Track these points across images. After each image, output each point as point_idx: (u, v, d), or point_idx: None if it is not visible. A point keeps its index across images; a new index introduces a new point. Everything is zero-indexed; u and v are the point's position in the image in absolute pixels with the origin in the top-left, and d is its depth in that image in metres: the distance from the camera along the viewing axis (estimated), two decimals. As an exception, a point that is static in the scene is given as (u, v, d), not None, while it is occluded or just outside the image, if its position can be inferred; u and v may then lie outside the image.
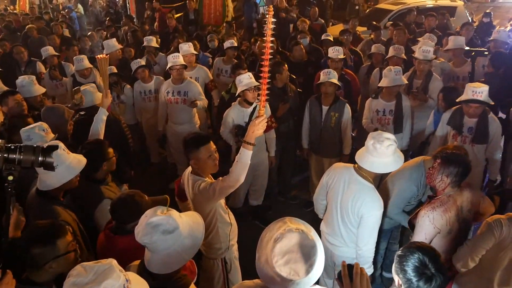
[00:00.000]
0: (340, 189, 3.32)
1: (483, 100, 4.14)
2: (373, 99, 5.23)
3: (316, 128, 5.20)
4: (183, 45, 6.39)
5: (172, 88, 5.73)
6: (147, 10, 13.88)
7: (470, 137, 4.38)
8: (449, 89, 4.78)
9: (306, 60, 6.68)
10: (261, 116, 2.78)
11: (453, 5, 12.77)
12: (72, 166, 3.00)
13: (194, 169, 3.31)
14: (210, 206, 3.28)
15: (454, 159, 3.08)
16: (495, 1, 27.76)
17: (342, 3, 16.51)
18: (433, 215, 3.01)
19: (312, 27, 10.30)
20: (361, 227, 3.20)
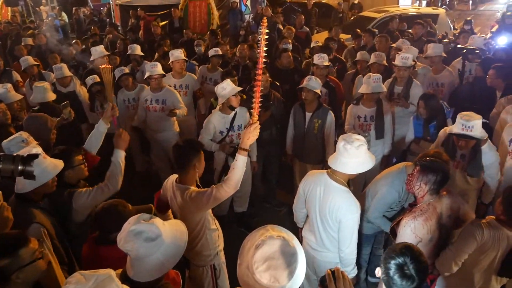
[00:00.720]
0: (317, 196, 3.33)
1: (472, 135, 3.83)
2: (354, 105, 5.29)
3: (300, 134, 5.24)
4: (174, 52, 6.41)
5: (151, 96, 5.75)
6: (131, 18, 13.85)
7: (462, 163, 4.16)
8: (428, 96, 4.81)
9: (292, 68, 6.72)
10: (254, 122, 2.87)
11: (435, 12, 12.98)
12: (48, 170, 2.98)
13: (188, 176, 3.27)
14: (201, 215, 3.27)
15: (433, 166, 3.10)
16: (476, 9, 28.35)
17: (326, 11, 16.64)
18: (414, 225, 3.01)
19: (297, 35, 10.38)
20: (341, 231, 3.22)
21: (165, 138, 5.82)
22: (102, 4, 22.24)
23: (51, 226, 2.98)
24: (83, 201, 3.25)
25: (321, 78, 5.75)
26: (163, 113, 5.68)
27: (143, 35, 12.26)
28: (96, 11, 19.74)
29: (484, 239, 2.96)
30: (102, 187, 3.35)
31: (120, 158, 3.46)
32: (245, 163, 2.95)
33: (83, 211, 3.30)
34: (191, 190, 3.17)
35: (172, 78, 6.39)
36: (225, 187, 3.03)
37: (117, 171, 3.42)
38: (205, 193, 3.09)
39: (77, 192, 3.28)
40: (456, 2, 30.01)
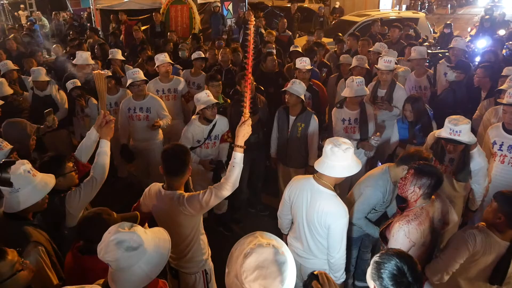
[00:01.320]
0: (304, 202, 3.27)
1: (460, 140, 3.80)
2: (338, 108, 5.29)
3: (283, 138, 5.21)
4: (159, 56, 6.31)
5: (134, 104, 5.56)
6: (112, 23, 13.70)
7: (450, 168, 4.18)
8: (415, 99, 4.81)
9: (277, 71, 6.71)
10: (246, 119, 2.88)
11: (415, 16, 13.15)
12: (38, 189, 2.88)
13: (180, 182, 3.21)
14: (196, 219, 3.22)
15: (427, 170, 3.08)
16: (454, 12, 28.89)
17: (308, 16, 16.73)
18: (408, 229, 2.98)
19: (279, 39, 10.40)
20: (330, 237, 3.18)
21: (149, 148, 5.70)
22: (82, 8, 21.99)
23: (48, 242, 2.88)
24: (76, 201, 3.19)
25: (304, 82, 5.74)
26: (148, 121, 5.54)
27: (124, 40, 12.12)
28: (76, 15, 19.49)
29: (476, 249, 2.95)
30: (90, 180, 3.29)
31: (105, 148, 3.38)
32: (242, 159, 2.96)
33: (77, 213, 3.22)
34: (184, 195, 3.11)
35: (160, 82, 6.31)
36: (225, 186, 3.01)
37: (103, 162, 3.34)
38: (203, 196, 3.03)
39: (68, 194, 3.22)
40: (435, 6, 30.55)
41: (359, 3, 20.57)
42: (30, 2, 19.44)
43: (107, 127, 3.40)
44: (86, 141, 3.57)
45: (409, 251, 3.03)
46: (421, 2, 28.65)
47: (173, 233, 3.16)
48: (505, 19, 13.62)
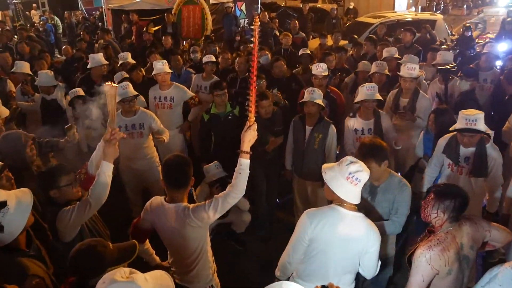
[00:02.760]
0: (332, 235, 2.84)
1: (477, 129, 3.80)
2: (350, 117, 5.04)
3: (299, 149, 4.94)
4: (157, 63, 5.97)
5: (123, 121, 5.09)
6: (124, 23, 13.57)
7: (467, 167, 4.06)
8: (441, 111, 4.55)
9: (289, 76, 6.45)
10: (252, 124, 2.81)
11: (432, 18, 12.81)
12: (17, 219, 2.53)
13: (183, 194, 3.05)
14: (203, 230, 3.08)
15: (449, 191, 2.83)
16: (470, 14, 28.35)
17: (321, 16, 16.46)
18: (430, 255, 2.74)
19: (293, 41, 10.15)
20: (368, 261, 2.90)
21: (142, 167, 5.25)
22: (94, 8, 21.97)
23: (46, 274, 2.62)
24: (66, 221, 2.96)
25: (320, 88, 5.50)
26: (141, 139, 5.16)
27: (135, 41, 11.97)
28: (88, 15, 19.44)
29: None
30: (84, 203, 3.02)
31: (107, 172, 3.04)
32: (248, 165, 2.85)
33: (69, 232, 3.02)
34: (190, 206, 2.97)
35: (158, 89, 6.01)
36: (232, 194, 2.89)
37: (101, 185, 3.03)
38: (210, 206, 2.91)
39: (60, 212, 3.00)
40: (451, 7, 30.06)
41: (374, 4, 20.19)
42: (43, 1, 19.43)
43: (110, 147, 3.02)
44: (97, 153, 3.28)
45: (433, 280, 2.80)
46: (436, 3, 28.22)
47: (180, 247, 3.07)
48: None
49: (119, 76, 6.18)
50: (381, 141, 3.56)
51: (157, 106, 5.98)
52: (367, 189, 3.57)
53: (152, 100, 6.03)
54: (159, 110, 5.90)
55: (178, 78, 7.09)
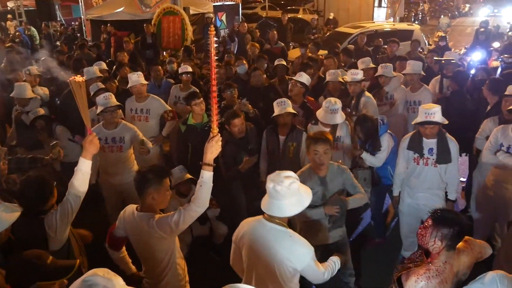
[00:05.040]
0: (257, 248, 2.88)
1: (436, 121, 4.19)
2: (312, 125, 5.10)
3: (274, 159, 4.93)
4: (132, 76, 5.85)
5: (104, 134, 4.89)
6: (103, 34, 13.48)
7: (431, 158, 4.37)
8: (363, 119, 4.77)
9: (267, 86, 6.46)
10: (215, 135, 2.79)
11: (410, 28, 13.03)
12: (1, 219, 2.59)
13: (147, 205, 3.02)
14: (169, 242, 3.03)
15: (448, 219, 2.72)
16: (448, 24, 28.86)
17: (302, 26, 16.60)
18: (428, 286, 2.63)
19: (272, 51, 10.20)
20: (308, 277, 2.91)
21: (122, 182, 5.00)
22: (73, 18, 21.81)
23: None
24: (53, 223, 2.97)
25: (297, 97, 5.53)
26: (121, 153, 4.98)
27: (113, 52, 11.88)
28: (67, 25, 19.25)
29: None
30: (65, 204, 3.01)
31: (85, 168, 3.00)
32: (211, 178, 2.82)
33: (60, 236, 3.02)
34: (157, 217, 2.94)
35: (135, 101, 5.91)
36: (194, 207, 2.86)
37: (79, 182, 2.99)
38: (172, 218, 2.87)
39: (46, 217, 2.99)
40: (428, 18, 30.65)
41: (353, 14, 20.51)
42: (20, 12, 19.15)
43: (90, 144, 2.98)
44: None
45: None
46: (414, 13, 28.75)
47: (148, 256, 3.06)
48: (500, 32, 13.56)
49: (95, 87, 6.08)
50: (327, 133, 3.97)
51: (133, 118, 5.89)
52: (318, 182, 3.82)
53: (129, 111, 5.94)
54: (135, 122, 5.79)
55: (158, 88, 7.03)
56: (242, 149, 4.88)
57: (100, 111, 4.88)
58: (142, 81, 5.83)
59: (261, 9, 21.34)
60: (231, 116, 4.79)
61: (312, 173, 3.84)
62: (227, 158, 4.85)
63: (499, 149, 4.42)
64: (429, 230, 2.72)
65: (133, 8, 14.60)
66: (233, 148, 4.82)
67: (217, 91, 2.72)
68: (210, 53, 2.61)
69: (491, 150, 4.49)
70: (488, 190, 4.69)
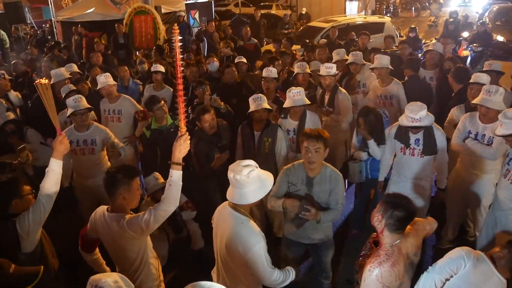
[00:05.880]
0: (219, 230, 3.04)
1: (423, 125, 4.16)
2: (282, 119, 5.16)
3: (250, 155, 4.89)
4: (100, 77, 5.83)
5: (76, 137, 4.89)
6: (74, 35, 13.28)
7: (418, 148, 4.37)
8: (366, 111, 4.77)
9: (239, 82, 6.50)
10: (183, 134, 2.79)
11: (381, 21, 13.23)
12: None
13: (117, 205, 3.03)
14: (141, 242, 3.04)
15: (395, 202, 2.85)
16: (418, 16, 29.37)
17: (275, 22, 16.65)
18: (381, 272, 2.67)
19: (246, 47, 10.23)
20: (252, 269, 2.89)
21: (96, 184, 4.85)
22: (44, 20, 21.35)
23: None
24: (27, 225, 2.99)
25: (269, 92, 5.56)
26: (94, 155, 4.98)
27: (85, 53, 11.72)
28: (38, 28, 18.86)
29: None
30: (37, 205, 3.03)
31: (56, 169, 3.04)
32: (180, 177, 2.84)
33: (32, 237, 3.04)
34: (126, 217, 2.95)
35: (107, 102, 5.90)
36: (164, 207, 2.87)
37: (50, 182, 3.03)
38: (143, 217, 2.88)
39: (18, 219, 3.01)
40: (400, 10, 31.03)
41: (326, 9, 20.64)
42: (-12, 16, 18.67)
43: (60, 144, 3.02)
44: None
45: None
46: (386, 6, 29.08)
47: (119, 257, 3.07)
48: (468, 21, 13.85)
49: (66, 89, 6.01)
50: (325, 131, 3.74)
51: (107, 119, 5.90)
52: (304, 181, 3.71)
53: (103, 113, 5.93)
54: (109, 123, 5.79)
55: (125, 89, 6.97)
56: (214, 145, 4.90)
57: (70, 114, 4.87)
58: (110, 82, 5.80)
59: (235, 6, 21.26)
60: (201, 111, 4.81)
61: (301, 170, 3.74)
62: (200, 155, 4.85)
63: (467, 136, 4.47)
64: (377, 208, 2.87)
65: (104, 8, 14.40)
66: (205, 145, 4.82)
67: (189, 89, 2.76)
68: (174, 52, 2.63)
69: (460, 137, 4.54)
70: (458, 177, 4.78)
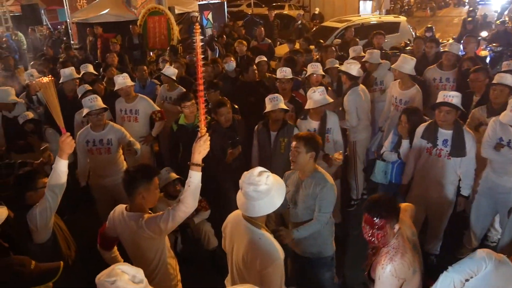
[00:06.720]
0: (236, 244, 2.87)
1: (454, 103, 4.08)
2: (301, 120, 5.05)
3: (266, 155, 4.90)
4: (117, 78, 5.83)
5: (92, 136, 4.93)
6: (89, 36, 13.38)
7: (445, 150, 4.24)
8: (412, 111, 4.65)
9: (258, 81, 6.47)
10: (203, 135, 2.76)
11: (396, 20, 13.07)
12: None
13: (136, 205, 3.03)
14: (159, 241, 3.03)
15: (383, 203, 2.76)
16: (434, 15, 29.05)
17: (288, 23, 16.60)
18: (394, 267, 2.65)
19: (259, 48, 10.20)
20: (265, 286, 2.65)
21: (113, 183, 4.91)
22: (59, 22, 21.58)
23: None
24: (34, 218, 3.09)
25: (285, 92, 5.50)
26: (110, 155, 4.98)
27: (100, 54, 11.80)
28: (53, 29, 19.05)
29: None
30: (44, 199, 3.11)
31: (61, 168, 3.08)
32: (199, 178, 2.80)
33: (42, 230, 3.14)
34: (145, 217, 2.94)
35: (124, 101, 5.90)
36: (182, 208, 2.84)
37: (55, 181, 3.08)
38: (162, 217, 2.88)
39: (29, 211, 3.11)
40: (415, 9, 30.75)
41: (339, 8, 20.50)
42: (6, 18, 18.92)
43: (64, 144, 3.03)
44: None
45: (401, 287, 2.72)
46: (400, 5, 28.82)
47: (138, 256, 3.06)
48: (487, 21, 13.62)
49: (82, 89, 6.05)
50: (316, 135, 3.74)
51: (123, 118, 5.89)
52: (295, 182, 3.65)
53: (119, 112, 5.94)
54: (126, 123, 5.79)
55: (143, 89, 6.99)
56: (228, 139, 4.88)
57: (85, 114, 4.89)
58: (128, 82, 5.82)
59: (247, 7, 21.27)
60: (218, 105, 4.81)
61: (296, 172, 3.71)
62: (215, 149, 4.80)
63: (499, 143, 4.24)
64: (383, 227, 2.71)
65: (119, 9, 14.51)
66: (220, 138, 4.78)
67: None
68: (196, 52, 2.58)
69: (490, 144, 4.29)
70: (488, 183, 4.53)
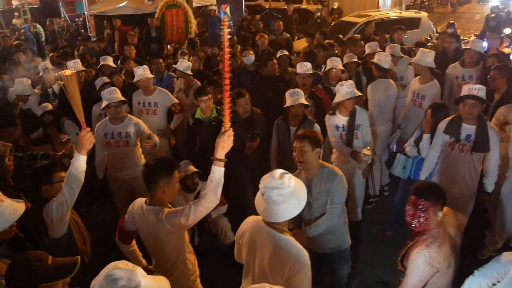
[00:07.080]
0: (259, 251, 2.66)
1: (479, 96, 4.02)
2: (330, 115, 4.91)
3: (285, 150, 4.81)
4: (137, 70, 5.78)
5: (111, 129, 4.89)
6: (106, 29, 13.41)
7: (468, 145, 4.16)
8: (438, 106, 4.54)
9: (277, 75, 6.41)
10: (227, 130, 2.72)
11: (417, 16, 12.81)
12: (4, 216, 2.57)
13: (156, 198, 2.97)
14: (178, 236, 2.99)
15: (433, 189, 2.78)
16: (455, 11, 28.56)
17: (306, 17, 16.43)
18: (429, 254, 2.63)
19: (277, 42, 10.09)
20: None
21: (130, 176, 4.96)
22: (77, 14, 21.75)
23: None
24: (51, 214, 3.05)
25: (305, 88, 5.39)
26: (128, 147, 4.95)
27: (117, 46, 11.81)
28: (71, 21, 19.20)
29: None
30: (60, 194, 3.07)
31: (79, 163, 3.04)
32: (222, 173, 2.75)
33: (58, 225, 3.11)
34: (165, 211, 2.89)
35: (142, 94, 5.85)
36: (204, 203, 2.79)
37: (72, 176, 3.05)
38: (182, 212, 2.83)
39: (45, 206, 3.08)
40: (435, 5, 30.27)
41: (358, 3, 20.22)
42: (24, 10, 19.11)
43: (83, 139, 2.99)
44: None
45: (432, 278, 2.69)
46: (421, 1, 28.38)
47: (157, 250, 3.02)
48: (511, 17, 13.29)
49: (100, 82, 6.03)
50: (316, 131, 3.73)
51: (141, 111, 5.85)
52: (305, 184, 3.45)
53: (136, 105, 5.90)
54: (143, 116, 5.75)
55: (160, 82, 6.97)
56: (246, 130, 4.83)
57: (104, 106, 4.85)
58: (148, 75, 5.77)
59: (265, 1, 21.11)
60: (236, 95, 4.78)
61: (302, 173, 3.61)
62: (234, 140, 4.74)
63: None
64: (428, 209, 2.72)
65: (136, 2, 14.54)
66: (238, 128, 4.69)
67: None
68: (223, 45, 2.53)
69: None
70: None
